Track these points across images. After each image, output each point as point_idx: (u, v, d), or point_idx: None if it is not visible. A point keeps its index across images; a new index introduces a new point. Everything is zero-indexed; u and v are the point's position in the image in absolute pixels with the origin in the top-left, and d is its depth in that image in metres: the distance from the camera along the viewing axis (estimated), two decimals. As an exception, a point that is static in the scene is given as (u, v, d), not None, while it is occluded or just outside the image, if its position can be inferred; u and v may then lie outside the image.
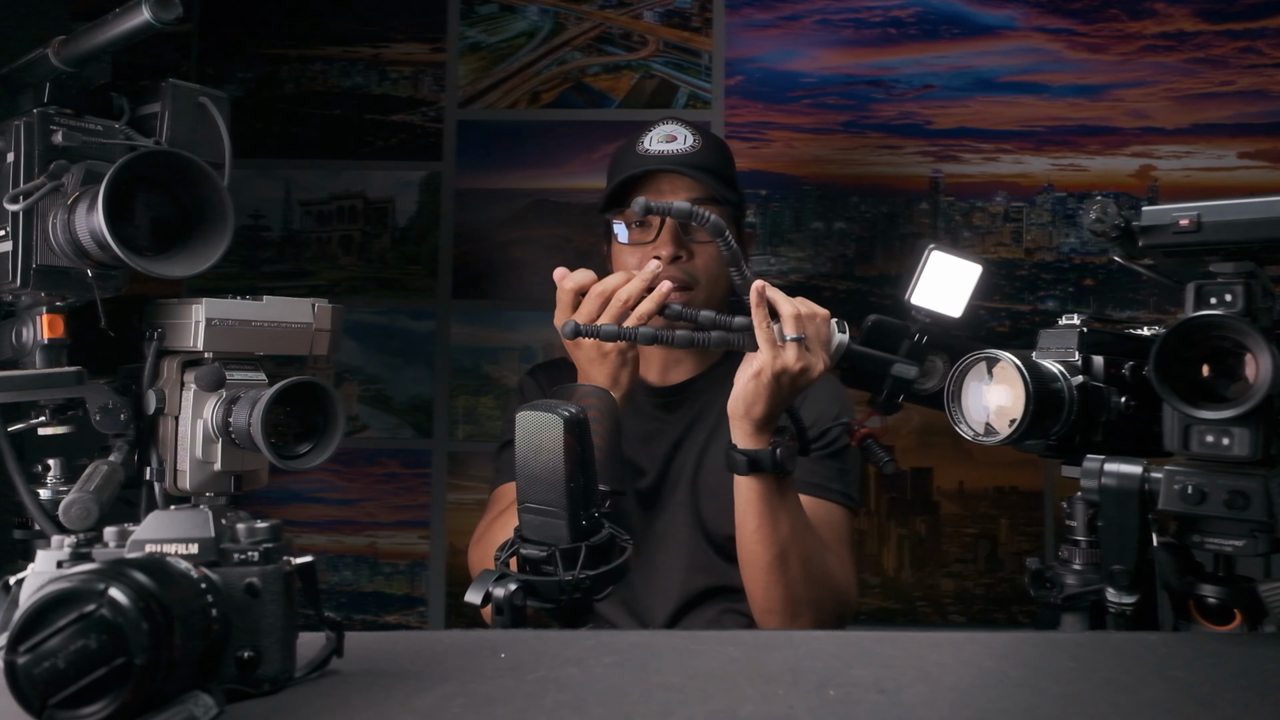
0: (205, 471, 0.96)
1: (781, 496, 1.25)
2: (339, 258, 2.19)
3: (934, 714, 0.62)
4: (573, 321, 1.14)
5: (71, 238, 0.88)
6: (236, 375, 0.96)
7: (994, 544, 2.07)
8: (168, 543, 0.65)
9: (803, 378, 1.16)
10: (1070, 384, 0.87)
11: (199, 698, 0.58)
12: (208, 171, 0.89)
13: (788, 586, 1.28)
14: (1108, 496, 0.84)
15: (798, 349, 1.15)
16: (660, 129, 1.51)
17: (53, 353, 0.94)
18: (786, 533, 1.26)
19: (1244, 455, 0.78)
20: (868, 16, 2.13)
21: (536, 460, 0.83)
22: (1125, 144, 2.09)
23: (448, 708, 0.63)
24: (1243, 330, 0.76)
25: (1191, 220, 0.78)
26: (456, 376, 2.17)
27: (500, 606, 0.83)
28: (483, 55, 2.19)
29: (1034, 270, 2.10)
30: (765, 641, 0.79)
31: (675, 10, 2.16)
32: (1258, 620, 0.83)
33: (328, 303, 1.02)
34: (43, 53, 0.93)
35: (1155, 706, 0.64)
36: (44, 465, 0.97)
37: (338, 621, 0.71)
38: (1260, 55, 2.07)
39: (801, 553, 1.27)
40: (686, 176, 1.45)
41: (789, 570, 1.27)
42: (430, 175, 2.18)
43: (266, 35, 2.20)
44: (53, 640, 0.54)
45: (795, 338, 1.14)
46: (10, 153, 0.92)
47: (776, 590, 1.28)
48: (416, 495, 2.16)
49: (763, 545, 1.26)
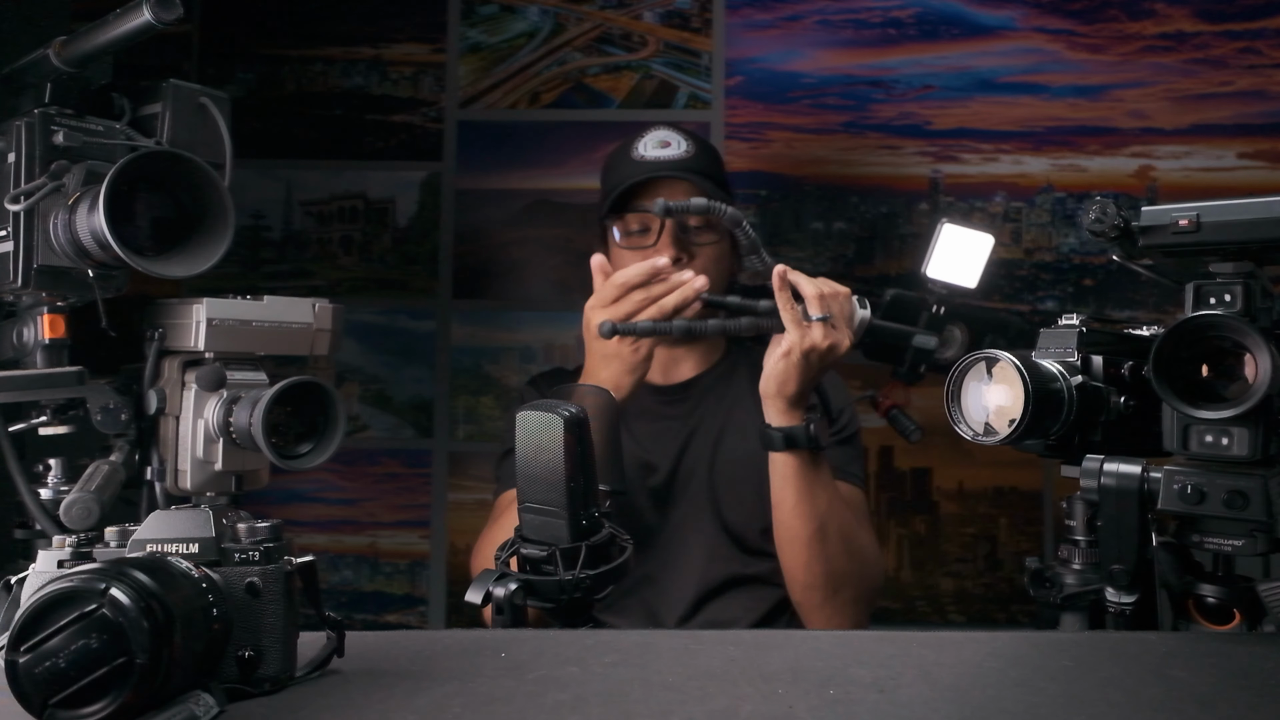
0: (206, 471, 0.96)
1: (817, 471, 1.28)
2: (339, 258, 2.19)
3: (933, 713, 0.63)
4: (609, 322, 1.16)
5: (72, 238, 0.88)
6: (237, 375, 0.96)
7: (993, 544, 2.07)
8: (168, 542, 0.65)
9: (830, 354, 1.21)
10: (1070, 384, 0.87)
11: (200, 697, 0.58)
12: (209, 172, 0.90)
13: (828, 559, 1.31)
14: (1107, 496, 0.84)
15: (824, 327, 1.19)
16: (653, 134, 1.53)
17: (54, 353, 0.94)
18: (824, 506, 1.29)
19: (1243, 455, 0.78)
20: (867, 17, 2.13)
21: (536, 460, 0.83)
22: (1125, 144, 2.09)
23: (448, 708, 0.64)
24: (1242, 330, 0.76)
25: (1191, 220, 0.78)
26: (457, 376, 2.17)
27: (500, 606, 0.83)
28: (483, 55, 2.19)
29: (1033, 270, 2.10)
30: (765, 641, 0.79)
31: (675, 11, 2.17)
32: (1257, 620, 0.83)
33: (328, 303, 1.02)
34: (44, 53, 0.93)
35: (1155, 706, 0.64)
36: (45, 465, 0.97)
37: (338, 621, 0.71)
38: (1260, 55, 2.07)
39: (839, 525, 1.31)
40: (685, 181, 1.47)
41: (828, 543, 1.30)
42: (431, 175, 2.18)
43: (267, 35, 2.20)
44: (54, 640, 0.54)
45: (821, 317, 1.18)
46: (11, 153, 0.92)
47: (818, 565, 1.31)
48: (417, 495, 2.16)
49: (802, 520, 1.28)
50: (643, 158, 1.50)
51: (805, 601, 1.35)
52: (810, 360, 1.20)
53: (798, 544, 1.30)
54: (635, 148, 1.52)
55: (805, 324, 1.18)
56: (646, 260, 1.29)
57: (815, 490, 1.28)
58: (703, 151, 1.53)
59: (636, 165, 1.50)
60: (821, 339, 1.19)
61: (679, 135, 1.53)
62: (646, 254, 1.45)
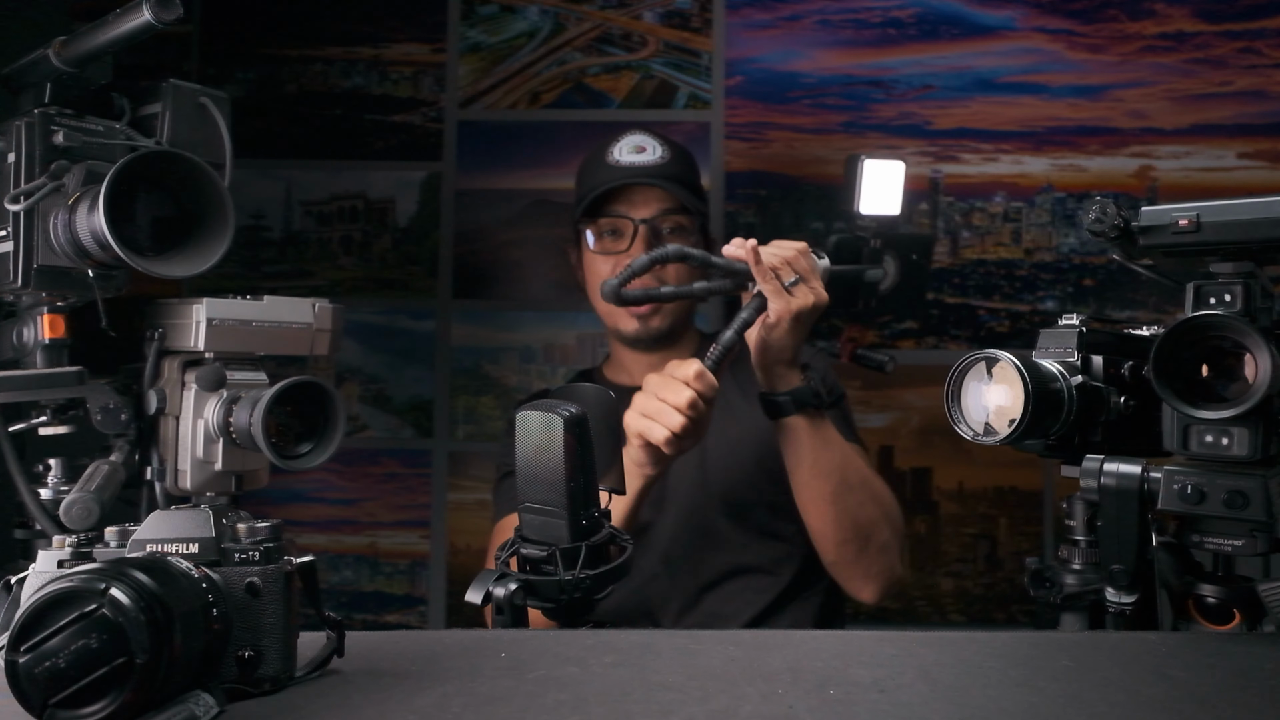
0: (206, 471, 0.96)
1: (826, 426, 1.31)
2: (339, 258, 2.19)
3: (933, 713, 0.63)
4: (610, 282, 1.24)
5: (72, 238, 0.88)
6: (237, 375, 0.96)
7: (993, 544, 2.07)
8: (168, 542, 0.65)
9: (815, 311, 1.24)
10: (1070, 384, 0.87)
11: (200, 697, 0.58)
12: (208, 172, 0.89)
13: (855, 509, 1.33)
14: (1107, 496, 0.84)
15: (802, 288, 1.22)
16: (628, 139, 1.54)
17: (54, 353, 0.94)
18: (840, 458, 1.32)
19: (1243, 455, 0.78)
20: (867, 17, 2.13)
21: (536, 460, 0.83)
22: (1125, 144, 2.09)
23: (448, 708, 0.64)
24: (1242, 330, 0.76)
25: (1191, 220, 0.78)
26: (457, 376, 2.17)
27: (500, 606, 0.83)
28: (483, 55, 2.19)
29: (1033, 270, 2.10)
30: (765, 641, 0.79)
31: (675, 10, 2.17)
32: (1257, 620, 0.83)
33: (328, 303, 1.02)
34: (43, 53, 0.93)
35: (1155, 706, 0.64)
36: (45, 465, 0.97)
37: (338, 621, 0.71)
38: (1260, 55, 2.07)
39: (857, 474, 1.34)
40: (658, 188, 1.49)
41: (852, 492, 1.33)
42: (430, 175, 2.18)
43: (267, 35, 2.20)
44: (54, 640, 0.54)
45: (794, 280, 1.22)
46: (11, 153, 0.92)
47: (845, 517, 1.33)
48: (417, 495, 2.16)
49: (822, 476, 1.31)
50: (617, 162, 1.52)
51: (841, 559, 1.37)
52: (800, 322, 1.23)
53: (823, 502, 1.32)
54: (610, 152, 1.53)
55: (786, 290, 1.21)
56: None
57: (829, 445, 1.31)
58: (677, 157, 1.55)
59: (611, 170, 1.52)
60: (803, 299, 1.22)
61: (654, 140, 1.55)
62: (619, 260, 1.49)
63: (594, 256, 1.53)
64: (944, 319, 2.10)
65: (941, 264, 2.11)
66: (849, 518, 1.33)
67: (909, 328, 2.11)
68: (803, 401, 1.28)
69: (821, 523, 1.34)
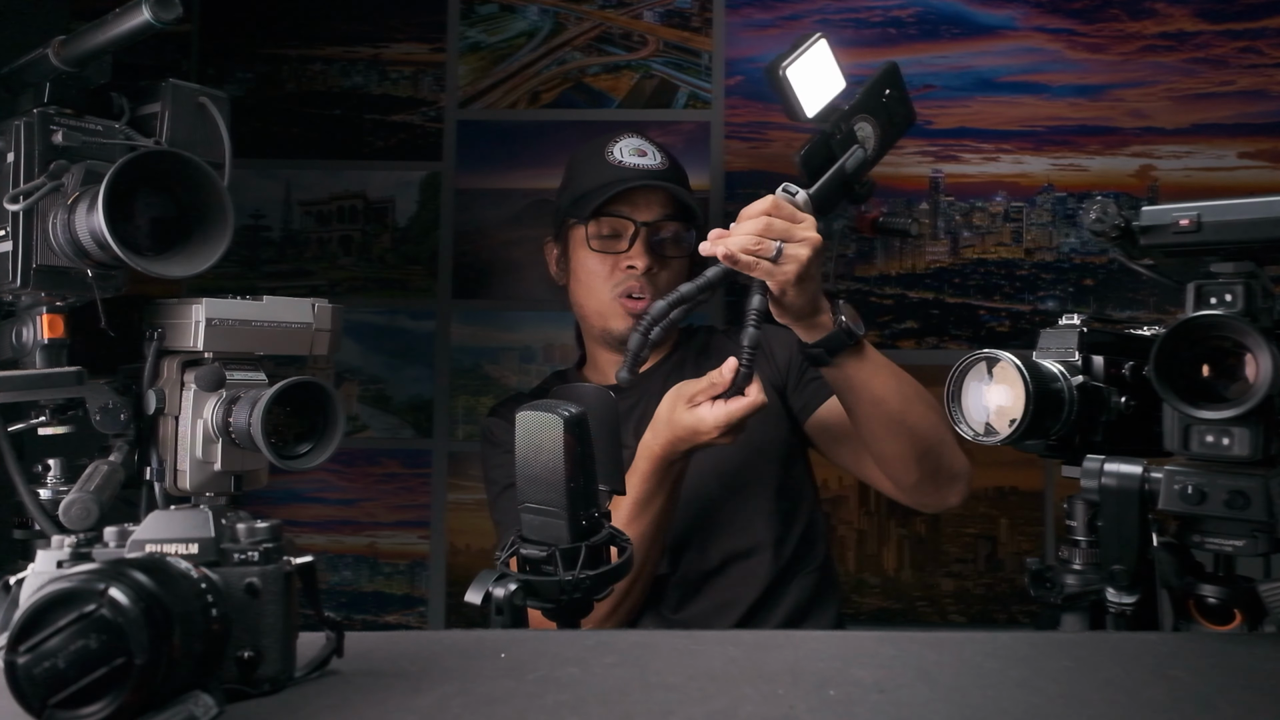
0: (205, 471, 0.96)
1: (867, 355, 1.28)
2: (339, 258, 2.19)
3: (933, 713, 0.62)
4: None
5: (71, 238, 0.88)
6: (236, 375, 0.96)
7: (994, 544, 2.07)
8: (168, 543, 0.65)
9: (815, 257, 1.19)
10: (1070, 384, 0.87)
11: (199, 697, 0.58)
12: (208, 171, 0.89)
13: (921, 418, 1.31)
14: (1108, 496, 0.84)
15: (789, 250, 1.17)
16: (627, 141, 1.54)
17: (53, 353, 0.94)
18: (893, 381, 1.30)
19: (1244, 455, 0.78)
20: (868, 17, 2.13)
21: (536, 460, 0.83)
22: (1125, 144, 2.09)
23: (448, 708, 0.63)
24: (1243, 330, 0.76)
25: (1191, 220, 0.78)
26: (457, 376, 2.17)
27: (500, 606, 0.83)
28: (483, 55, 2.19)
29: (1034, 270, 2.10)
30: (765, 641, 0.79)
31: (675, 10, 2.16)
32: (1258, 620, 0.83)
33: (328, 303, 1.02)
34: (43, 53, 0.93)
35: (1155, 706, 0.64)
36: (44, 465, 0.97)
37: (338, 621, 0.71)
38: (1260, 55, 2.07)
39: (910, 385, 1.32)
40: (660, 192, 1.50)
41: (912, 405, 1.31)
42: (430, 175, 2.18)
43: (266, 35, 2.20)
44: (53, 640, 0.54)
45: (777, 250, 1.17)
46: (10, 153, 0.92)
47: (918, 431, 1.31)
48: (416, 495, 2.16)
49: (884, 403, 1.29)
50: (621, 163, 1.51)
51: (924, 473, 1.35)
52: (806, 275, 1.19)
53: (892, 424, 1.30)
54: (610, 152, 1.53)
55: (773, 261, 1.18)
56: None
57: (878, 370, 1.29)
58: (675, 164, 1.57)
59: (616, 170, 1.51)
60: (798, 256, 1.18)
61: (651, 145, 1.56)
62: (618, 260, 1.49)
63: (589, 254, 1.51)
64: (944, 319, 2.10)
65: (942, 264, 2.11)
66: (921, 429, 1.31)
67: (909, 328, 2.11)
68: (837, 347, 1.25)
69: (897, 446, 1.32)
